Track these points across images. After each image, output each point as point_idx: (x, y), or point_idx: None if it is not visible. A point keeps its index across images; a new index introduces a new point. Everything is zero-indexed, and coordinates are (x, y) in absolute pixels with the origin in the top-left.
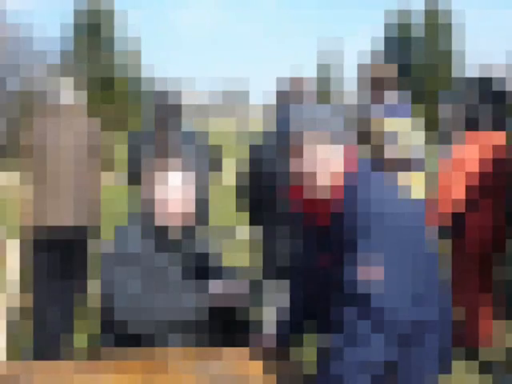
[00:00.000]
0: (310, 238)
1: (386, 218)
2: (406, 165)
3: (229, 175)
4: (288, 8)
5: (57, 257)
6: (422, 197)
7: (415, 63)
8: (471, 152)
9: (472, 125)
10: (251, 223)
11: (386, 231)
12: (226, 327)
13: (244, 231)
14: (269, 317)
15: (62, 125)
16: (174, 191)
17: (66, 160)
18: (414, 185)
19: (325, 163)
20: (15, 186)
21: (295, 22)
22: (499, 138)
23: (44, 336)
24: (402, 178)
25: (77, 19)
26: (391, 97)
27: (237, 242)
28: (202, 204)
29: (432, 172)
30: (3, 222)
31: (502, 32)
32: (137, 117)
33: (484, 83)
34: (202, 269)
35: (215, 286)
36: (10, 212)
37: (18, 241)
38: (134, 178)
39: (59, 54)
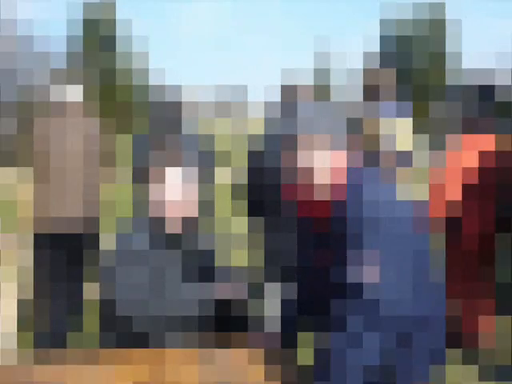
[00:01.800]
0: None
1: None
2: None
3: (224, 173)
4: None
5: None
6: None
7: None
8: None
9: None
10: (250, 229)
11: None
12: (220, 324)
13: (243, 239)
14: (272, 312)
15: (69, 125)
16: (163, 191)
17: (72, 158)
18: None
19: (340, 157)
20: (26, 185)
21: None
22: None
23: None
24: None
25: (86, 15)
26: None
27: (234, 243)
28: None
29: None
30: (13, 229)
31: None
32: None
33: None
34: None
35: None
36: (20, 217)
37: (32, 251)
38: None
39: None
